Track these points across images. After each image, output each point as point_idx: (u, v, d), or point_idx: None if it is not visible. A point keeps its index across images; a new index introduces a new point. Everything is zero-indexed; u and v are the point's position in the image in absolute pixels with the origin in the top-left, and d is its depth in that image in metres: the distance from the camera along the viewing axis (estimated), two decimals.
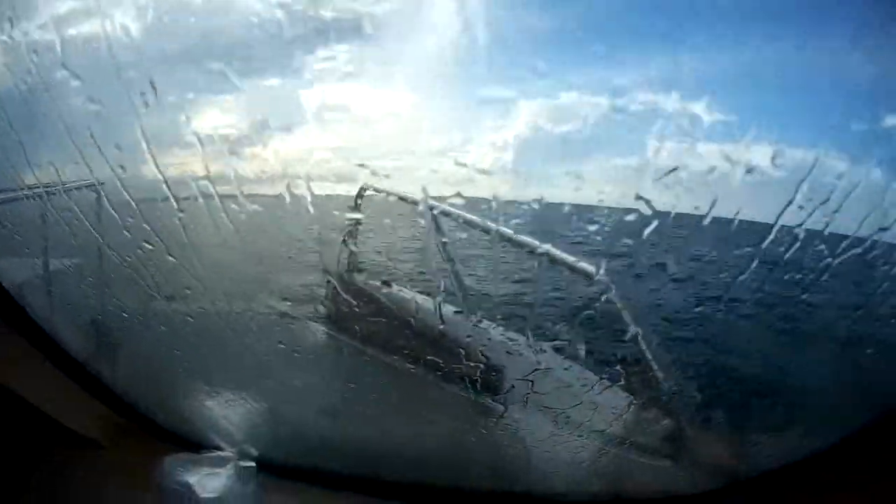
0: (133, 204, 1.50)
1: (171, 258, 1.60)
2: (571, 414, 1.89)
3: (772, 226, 1.34)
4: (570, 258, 1.59)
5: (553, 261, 1.58)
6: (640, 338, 1.70)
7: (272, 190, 1.44)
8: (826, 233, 1.35)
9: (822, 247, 1.37)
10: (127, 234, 1.56)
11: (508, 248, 1.58)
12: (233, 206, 1.45)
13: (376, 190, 1.47)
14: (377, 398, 2.03)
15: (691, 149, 1.31)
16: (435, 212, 1.55)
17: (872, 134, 1.27)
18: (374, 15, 1.40)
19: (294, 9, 1.34)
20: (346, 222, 1.60)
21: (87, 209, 1.57)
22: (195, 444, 2.09)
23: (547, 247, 1.57)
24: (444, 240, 1.64)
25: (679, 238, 1.47)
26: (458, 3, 1.38)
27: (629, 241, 1.48)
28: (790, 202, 1.29)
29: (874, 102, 1.24)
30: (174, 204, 1.47)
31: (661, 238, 1.43)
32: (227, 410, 2.13)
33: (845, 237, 1.35)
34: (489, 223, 1.50)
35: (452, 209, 1.51)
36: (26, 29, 1.35)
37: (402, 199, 1.49)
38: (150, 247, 1.58)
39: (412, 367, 1.91)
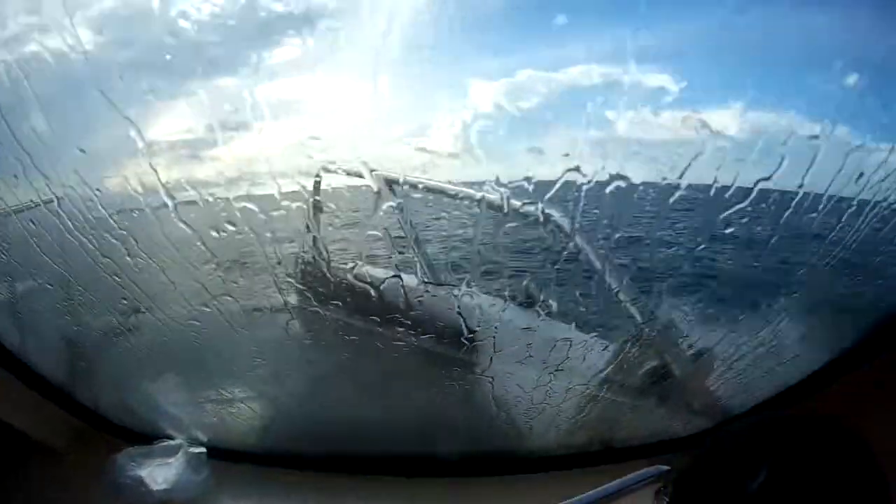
0: (91, 218, 1.47)
1: (133, 268, 1.58)
2: (549, 363, 1.91)
3: (744, 188, 1.35)
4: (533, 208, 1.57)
5: (516, 213, 1.57)
6: (608, 275, 1.70)
7: (234, 192, 1.42)
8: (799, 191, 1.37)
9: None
10: (90, 246, 1.53)
11: (465, 208, 1.58)
12: (192, 213, 1.43)
13: (329, 171, 1.46)
14: (336, 373, 2.02)
15: (651, 118, 1.32)
16: (401, 185, 1.55)
17: (836, 93, 1.28)
18: (324, 4, 1.39)
19: (242, 3, 1.32)
20: (308, 210, 1.59)
21: (47, 227, 1.54)
22: (149, 437, 2.08)
23: (504, 198, 1.55)
24: (395, 205, 1.63)
25: (648, 206, 1.48)
26: None
27: (594, 210, 1.49)
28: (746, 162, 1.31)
29: (836, 59, 1.25)
30: (133, 214, 1.44)
31: (627, 205, 1.44)
32: (177, 397, 2.11)
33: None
34: (448, 185, 1.50)
35: (404, 176, 1.50)
36: None
37: (354, 174, 1.47)
38: (109, 259, 1.56)
39: (379, 340, 1.90)
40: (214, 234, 1.48)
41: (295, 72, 1.42)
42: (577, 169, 1.35)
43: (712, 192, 1.37)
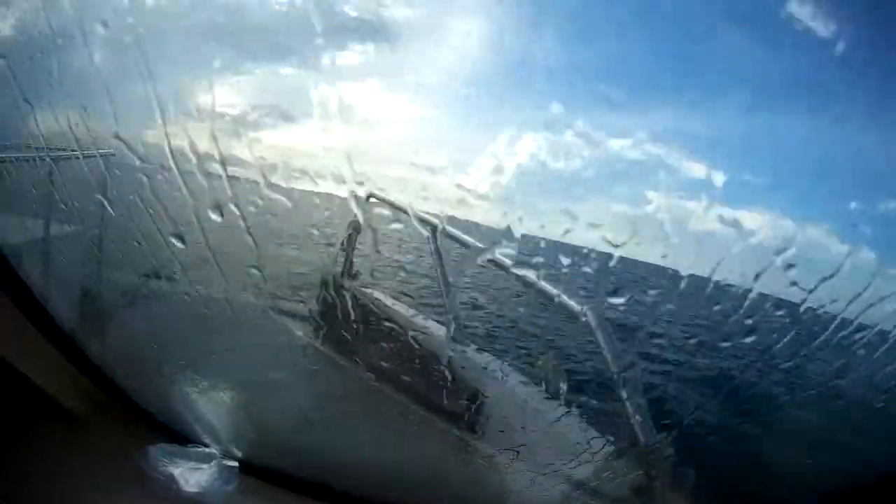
0: (139, 173, 1.48)
1: (167, 234, 1.59)
2: (540, 445, 1.88)
3: (749, 291, 1.34)
4: (559, 293, 1.59)
5: (543, 294, 1.58)
6: (618, 379, 1.70)
7: (270, 179, 1.43)
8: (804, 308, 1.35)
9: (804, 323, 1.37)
10: (133, 202, 1.54)
11: (503, 276, 1.58)
12: (229, 189, 1.43)
13: (382, 200, 1.46)
14: (357, 409, 2.02)
15: (686, 205, 1.32)
16: (439, 233, 1.55)
17: (866, 214, 1.28)
18: (397, 20, 1.41)
19: (319, 1, 1.35)
20: (347, 228, 1.60)
21: (95, 175, 1.55)
22: (177, 435, 2.07)
23: (541, 281, 1.57)
24: (442, 262, 1.64)
25: (666, 293, 1.47)
26: (480, 25, 1.39)
27: (614, 288, 1.48)
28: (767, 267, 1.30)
29: (870, 183, 1.25)
30: (177, 177, 1.44)
31: (644, 290, 1.44)
32: (215, 406, 2.11)
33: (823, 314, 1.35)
34: (498, 255, 1.51)
35: (457, 233, 1.51)
36: None
37: (405, 211, 1.48)
38: (150, 220, 1.57)
39: (396, 378, 1.90)
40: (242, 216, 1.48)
41: (354, 78, 1.44)
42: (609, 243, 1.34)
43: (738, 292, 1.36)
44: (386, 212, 1.51)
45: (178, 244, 1.57)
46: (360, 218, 1.52)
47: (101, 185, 1.56)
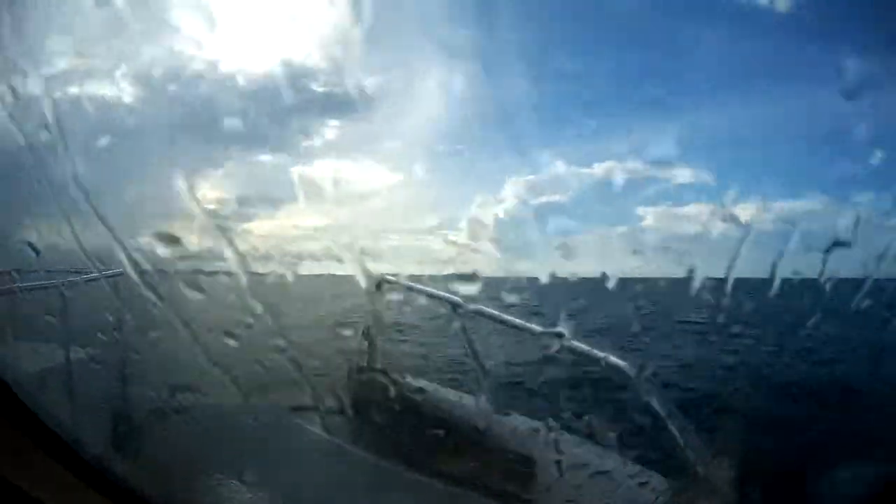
0: (141, 284, 1.47)
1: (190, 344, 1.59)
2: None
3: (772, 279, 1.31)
4: (602, 354, 1.57)
5: (579, 354, 1.56)
6: (669, 424, 1.67)
7: (264, 268, 1.43)
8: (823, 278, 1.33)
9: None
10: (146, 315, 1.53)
11: (529, 339, 1.57)
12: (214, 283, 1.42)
13: (388, 282, 1.46)
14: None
15: (681, 212, 1.31)
16: (462, 311, 1.54)
17: (854, 179, 1.26)
18: (365, 90, 1.42)
19: (288, 84, 1.36)
20: (366, 320, 1.59)
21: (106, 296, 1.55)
22: None
23: (575, 342, 1.55)
24: (470, 339, 1.63)
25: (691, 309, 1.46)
26: (445, 83, 1.41)
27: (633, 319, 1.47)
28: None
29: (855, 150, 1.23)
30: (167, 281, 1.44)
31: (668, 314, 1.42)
32: None
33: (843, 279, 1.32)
34: (522, 322, 1.49)
35: (484, 309, 1.49)
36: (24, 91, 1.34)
37: (430, 295, 1.47)
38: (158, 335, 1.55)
39: (441, 466, 1.87)
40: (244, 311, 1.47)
41: (333, 154, 1.44)
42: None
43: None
44: (398, 294, 1.49)
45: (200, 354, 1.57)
46: (375, 305, 1.51)
47: (112, 305, 1.56)
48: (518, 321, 1.48)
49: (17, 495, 1.49)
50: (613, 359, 1.56)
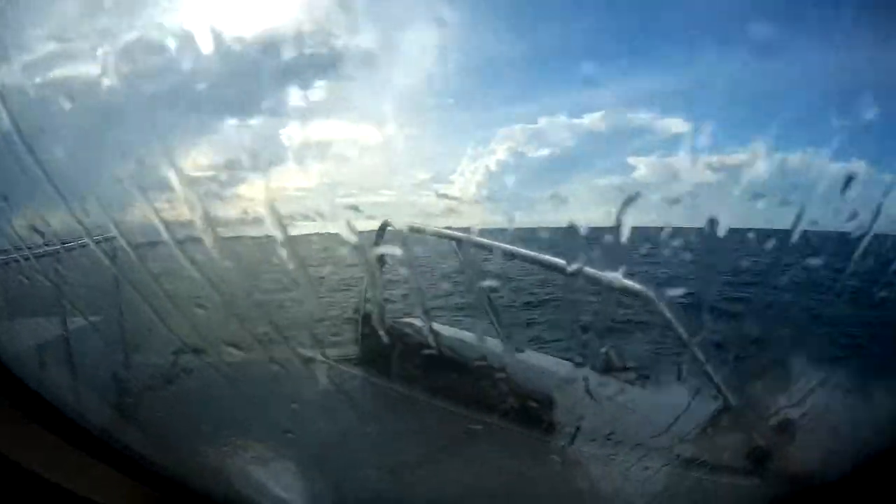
0: (131, 253, 1.47)
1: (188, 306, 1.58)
2: (632, 435, 1.85)
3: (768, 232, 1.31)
4: (618, 277, 1.57)
5: (592, 281, 1.56)
6: (692, 343, 1.67)
7: (257, 231, 1.42)
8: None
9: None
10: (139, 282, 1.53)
11: (534, 272, 1.56)
12: (215, 250, 1.42)
13: (389, 226, 1.45)
14: (421, 443, 1.98)
15: (673, 162, 1.31)
16: (472, 247, 1.54)
17: (850, 130, 1.26)
18: (349, 49, 1.41)
19: (271, 46, 1.34)
20: (370, 263, 1.58)
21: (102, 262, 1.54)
22: None
23: (584, 267, 1.55)
24: (482, 280, 1.63)
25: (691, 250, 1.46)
26: (431, 35, 1.39)
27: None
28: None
29: (848, 101, 1.23)
30: (171, 249, 1.43)
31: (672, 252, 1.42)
32: (264, 468, 2.06)
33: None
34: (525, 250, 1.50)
35: (488, 241, 1.49)
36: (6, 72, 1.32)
37: (440, 236, 1.46)
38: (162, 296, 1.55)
39: (456, 405, 1.87)
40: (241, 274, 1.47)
41: (320, 116, 1.43)
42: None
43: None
44: (399, 240, 1.49)
45: (200, 311, 1.56)
46: (378, 251, 1.50)
47: (109, 271, 1.54)
48: (538, 255, 1.48)
49: (21, 474, 1.49)
50: (631, 283, 1.57)
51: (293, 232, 1.39)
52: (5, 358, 1.45)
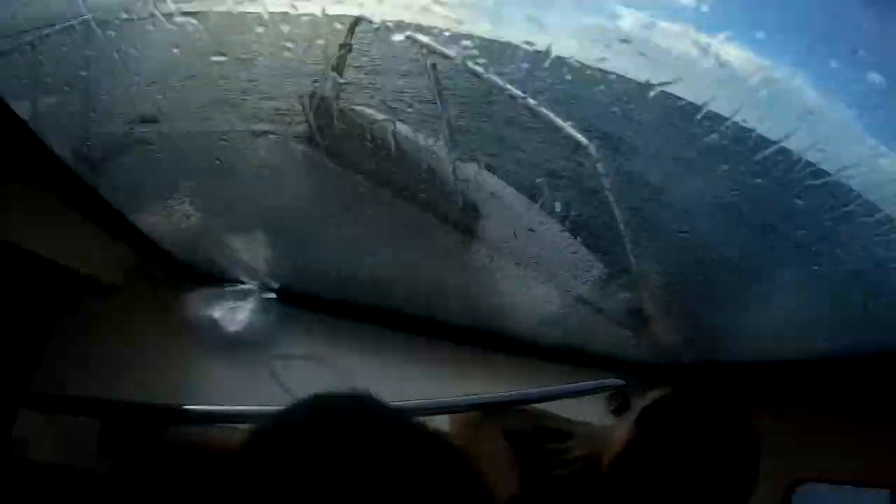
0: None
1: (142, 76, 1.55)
2: (542, 257, 2.01)
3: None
4: (564, 124, 1.61)
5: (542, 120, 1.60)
6: (612, 205, 1.77)
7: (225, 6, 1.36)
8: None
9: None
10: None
11: (497, 98, 1.58)
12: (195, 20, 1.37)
13: (364, 20, 1.41)
14: (367, 222, 2.06)
15: (657, 24, 1.29)
16: (432, 57, 1.54)
17: (846, 69, 1.26)
18: None
19: None
20: (337, 51, 1.56)
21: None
22: (214, 279, 2.10)
23: (541, 109, 1.58)
24: (439, 85, 1.62)
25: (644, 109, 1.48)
26: None
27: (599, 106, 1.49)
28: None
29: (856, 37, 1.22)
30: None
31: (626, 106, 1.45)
32: (240, 241, 2.11)
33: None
34: (492, 76, 1.51)
35: (453, 53, 1.47)
36: None
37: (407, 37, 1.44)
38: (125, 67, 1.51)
39: (397, 197, 1.98)
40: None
41: None
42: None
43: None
44: (371, 31, 1.46)
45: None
46: (349, 39, 1.48)
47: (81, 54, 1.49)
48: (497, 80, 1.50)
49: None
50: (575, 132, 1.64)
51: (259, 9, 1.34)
52: None
